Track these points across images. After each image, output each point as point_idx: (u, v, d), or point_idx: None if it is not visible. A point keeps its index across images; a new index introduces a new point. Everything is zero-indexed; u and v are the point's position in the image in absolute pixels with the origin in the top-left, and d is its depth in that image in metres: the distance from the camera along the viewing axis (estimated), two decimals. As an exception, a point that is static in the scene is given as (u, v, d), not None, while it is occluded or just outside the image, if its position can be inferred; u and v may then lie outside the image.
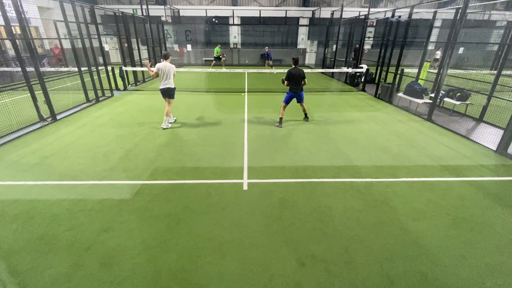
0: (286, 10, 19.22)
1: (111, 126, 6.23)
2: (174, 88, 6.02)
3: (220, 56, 15.88)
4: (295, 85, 6.10)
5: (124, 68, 10.04)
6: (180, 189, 3.72)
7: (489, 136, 5.44)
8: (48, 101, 6.30)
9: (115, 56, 18.86)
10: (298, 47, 20.25)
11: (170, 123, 6.26)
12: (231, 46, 19.83)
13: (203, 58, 19.79)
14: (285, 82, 6.19)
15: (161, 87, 5.92)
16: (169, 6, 18.39)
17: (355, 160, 4.64)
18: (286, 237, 2.86)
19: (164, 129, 6.01)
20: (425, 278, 2.39)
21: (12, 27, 5.54)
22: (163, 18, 18.13)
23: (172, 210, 3.27)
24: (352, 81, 11.78)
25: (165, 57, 5.85)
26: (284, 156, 4.77)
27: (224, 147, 5.09)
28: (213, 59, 16.23)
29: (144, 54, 12.64)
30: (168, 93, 5.96)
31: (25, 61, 6.21)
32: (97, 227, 2.96)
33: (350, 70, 11.23)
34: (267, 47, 15.40)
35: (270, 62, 15.36)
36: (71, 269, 2.44)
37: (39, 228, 2.93)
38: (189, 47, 18.78)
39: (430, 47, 15.67)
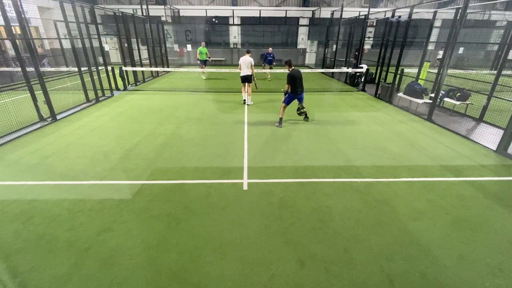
0: (286, 10, 19.22)
1: (111, 126, 6.23)
2: (251, 75, 7.83)
3: (208, 59, 12.70)
4: (299, 86, 6.03)
5: (124, 68, 10.05)
6: (180, 189, 3.72)
7: (489, 136, 5.44)
8: (48, 101, 6.30)
9: (115, 56, 18.85)
10: (298, 47, 20.25)
11: (248, 104, 8.12)
12: (231, 46, 19.83)
13: (198, 58, 19.76)
14: (287, 86, 6.02)
15: (241, 75, 7.86)
16: (169, 6, 18.39)
17: (355, 160, 4.64)
18: (286, 237, 2.86)
19: (248, 105, 8.07)
20: (425, 278, 2.39)
21: (12, 27, 5.54)
22: (163, 18, 18.13)
23: (172, 210, 3.27)
24: (352, 81, 11.78)
25: (247, 52, 8.03)
26: (284, 156, 4.77)
27: (224, 147, 5.09)
28: (199, 63, 12.76)
29: (144, 54, 12.63)
30: (245, 79, 7.88)
31: (25, 61, 6.20)
32: (97, 227, 2.96)
33: (350, 70, 11.23)
34: (270, 48, 12.53)
35: (267, 67, 12.69)
36: (71, 269, 2.44)
37: (39, 228, 2.93)
38: (189, 47, 18.78)
39: (430, 47, 15.66)
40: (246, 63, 7.66)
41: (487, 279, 2.39)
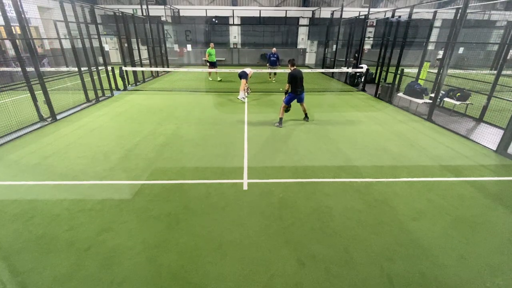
0: (286, 10, 19.22)
1: (111, 126, 6.23)
2: (243, 72, 8.52)
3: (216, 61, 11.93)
4: (299, 87, 6.07)
5: (124, 68, 10.04)
6: (180, 189, 3.72)
7: (489, 136, 5.44)
8: (48, 101, 6.30)
9: (115, 56, 18.85)
10: (298, 47, 20.25)
11: (244, 97, 8.66)
12: (231, 46, 19.83)
13: (203, 58, 19.72)
14: (287, 85, 6.10)
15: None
16: (169, 6, 18.39)
17: (355, 160, 4.64)
18: (286, 237, 2.86)
19: (239, 99, 8.63)
20: (425, 278, 2.39)
21: (12, 27, 5.54)
22: (163, 18, 18.13)
23: (172, 210, 3.27)
24: (352, 81, 11.78)
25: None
26: (284, 156, 4.77)
27: (224, 147, 5.09)
28: (207, 64, 11.87)
29: (144, 54, 12.63)
30: (239, 75, 8.64)
31: (25, 61, 6.20)
32: (97, 227, 2.96)
33: (350, 70, 11.23)
34: (274, 48, 11.85)
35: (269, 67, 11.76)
36: (71, 269, 2.44)
37: (39, 228, 2.93)
38: (189, 47, 18.77)
39: (430, 47, 15.65)
40: (244, 69, 8.74)
41: (487, 279, 2.39)
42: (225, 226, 3.01)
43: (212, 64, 11.79)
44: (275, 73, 12.31)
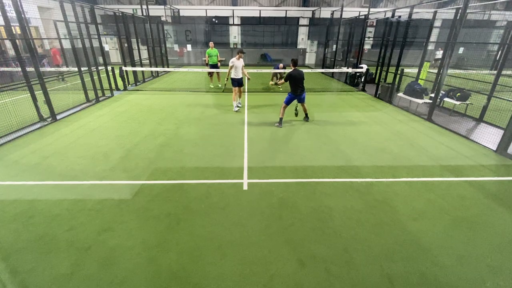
0: (286, 10, 19.21)
1: (111, 126, 6.23)
2: (241, 78, 7.42)
3: (218, 63, 10.34)
4: (299, 87, 6.08)
5: (124, 68, 10.04)
6: (180, 189, 3.72)
7: (489, 136, 5.44)
8: (48, 101, 6.30)
9: (115, 56, 18.85)
10: (298, 47, 20.25)
11: (238, 107, 7.67)
12: (231, 46, 19.83)
13: (203, 58, 19.77)
14: (282, 81, 6.29)
15: (234, 77, 7.34)
16: (169, 6, 18.38)
17: (355, 160, 4.64)
18: (286, 237, 2.86)
19: (235, 111, 7.52)
20: (425, 278, 2.39)
21: (12, 27, 5.54)
22: (163, 18, 18.13)
23: (172, 210, 3.27)
24: (352, 81, 11.78)
25: (241, 52, 7.29)
26: (284, 156, 4.77)
27: (224, 147, 5.09)
28: (209, 67, 10.31)
29: (144, 54, 12.62)
30: (238, 82, 7.42)
31: (25, 61, 6.20)
32: (97, 227, 2.96)
33: (350, 70, 11.23)
34: (281, 64, 9.85)
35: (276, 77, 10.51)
36: (71, 269, 2.44)
37: (39, 228, 2.93)
38: (189, 47, 18.77)
39: (430, 47, 15.65)
40: (240, 66, 7.22)
41: (487, 279, 2.39)
42: (225, 226, 3.01)
43: (214, 67, 10.28)
44: (277, 77, 10.63)
